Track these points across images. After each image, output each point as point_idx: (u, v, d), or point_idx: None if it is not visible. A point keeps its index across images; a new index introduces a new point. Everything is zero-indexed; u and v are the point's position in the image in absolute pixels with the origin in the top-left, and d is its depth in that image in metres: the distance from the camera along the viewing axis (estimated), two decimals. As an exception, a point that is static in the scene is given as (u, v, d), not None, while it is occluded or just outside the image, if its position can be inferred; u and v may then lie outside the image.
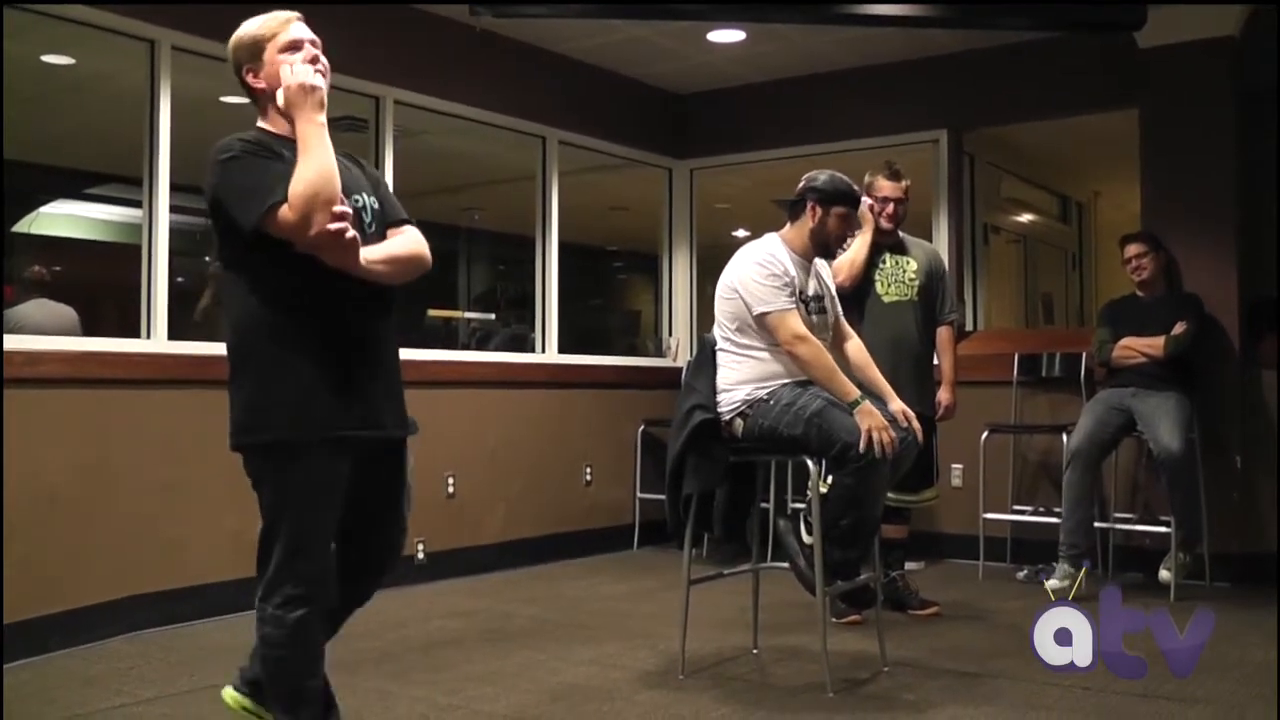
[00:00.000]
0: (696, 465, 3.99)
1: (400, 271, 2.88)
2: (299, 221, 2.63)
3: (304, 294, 2.76)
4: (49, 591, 4.50)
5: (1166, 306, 5.76)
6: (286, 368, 2.77)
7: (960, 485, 6.60)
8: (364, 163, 3.08)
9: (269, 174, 2.69)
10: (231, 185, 2.72)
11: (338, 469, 2.80)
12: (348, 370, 2.81)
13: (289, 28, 2.87)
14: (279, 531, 2.79)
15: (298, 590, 2.77)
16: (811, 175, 4.15)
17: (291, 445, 2.76)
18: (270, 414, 2.79)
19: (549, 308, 7.07)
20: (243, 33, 2.89)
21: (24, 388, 4.40)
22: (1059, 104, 6.82)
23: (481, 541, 6.30)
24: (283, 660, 2.81)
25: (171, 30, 5.14)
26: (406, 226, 2.97)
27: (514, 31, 6.61)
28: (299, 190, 2.64)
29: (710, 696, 3.87)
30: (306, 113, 2.74)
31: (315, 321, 2.78)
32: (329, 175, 2.67)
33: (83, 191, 9.31)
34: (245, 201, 2.69)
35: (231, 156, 2.74)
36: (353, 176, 2.93)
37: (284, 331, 2.78)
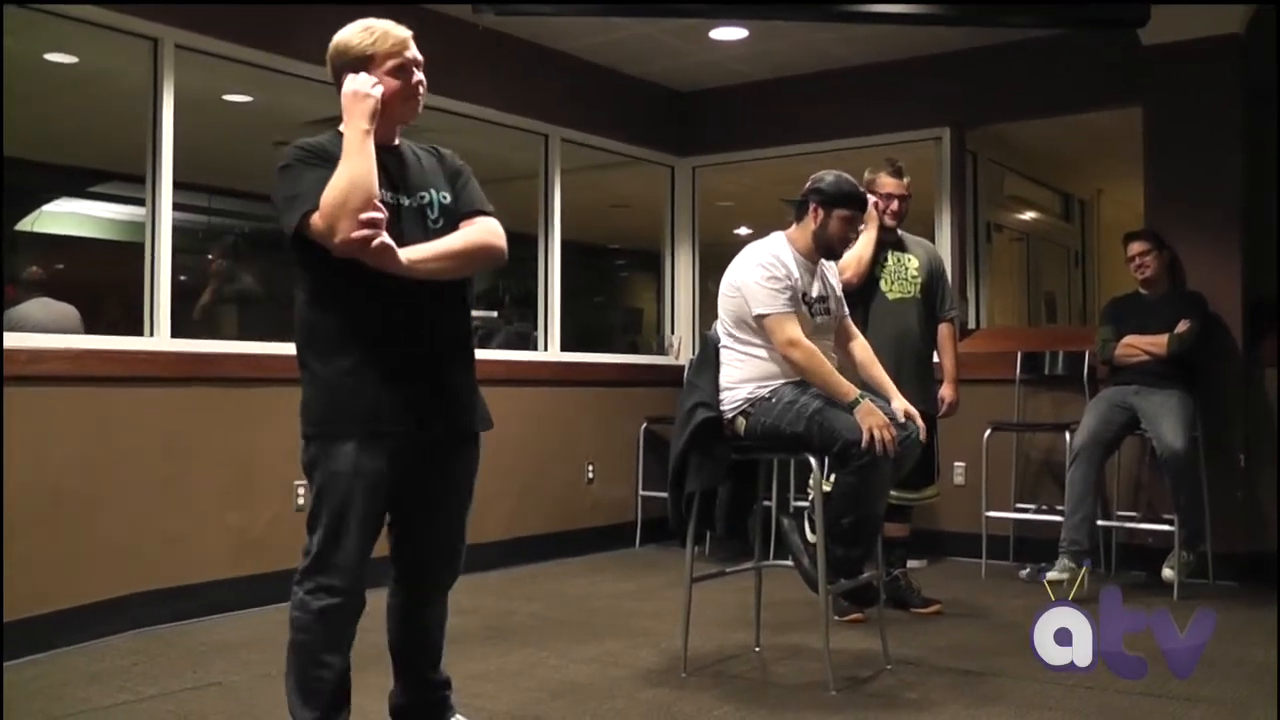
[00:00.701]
0: (699, 463, 3.99)
1: (457, 266, 2.91)
2: (326, 229, 2.70)
3: (347, 294, 2.83)
4: (52, 588, 4.50)
5: (1170, 305, 5.75)
6: (328, 363, 2.85)
7: (963, 483, 6.60)
8: (446, 154, 3.10)
9: (309, 182, 2.75)
10: (278, 194, 2.81)
11: (375, 466, 2.84)
12: (387, 367, 2.86)
13: (404, 50, 2.93)
14: (317, 521, 2.87)
15: (327, 580, 2.84)
16: (817, 176, 4.14)
17: (326, 438, 2.85)
18: (311, 408, 2.89)
19: (551, 305, 7.07)
20: (354, 40, 2.93)
21: (27, 385, 4.41)
22: (1062, 102, 6.81)
23: (483, 539, 6.30)
24: (302, 645, 2.87)
25: (174, 28, 5.13)
26: (479, 218, 2.98)
27: (516, 29, 6.60)
28: (327, 198, 2.70)
29: (712, 695, 3.88)
30: (354, 120, 2.80)
31: (356, 320, 2.85)
32: (359, 183, 2.71)
33: (85, 190, 9.32)
34: (286, 209, 2.78)
35: (284, 165, 2.83)
36: (424, 171, 2.98)
37: (330, 331, 2.86)
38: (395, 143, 2.97)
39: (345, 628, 2.88)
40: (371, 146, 2.78)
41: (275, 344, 5.60)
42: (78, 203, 9.43)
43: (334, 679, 2.86)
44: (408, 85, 2.92)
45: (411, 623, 3.11)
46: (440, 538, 3.08)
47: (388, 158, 2.89)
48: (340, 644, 2.88)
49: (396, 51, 2.91)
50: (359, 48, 2.91)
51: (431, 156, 3.06)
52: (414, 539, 3.05)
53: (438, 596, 3.14)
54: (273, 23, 5.44)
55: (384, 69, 2.89)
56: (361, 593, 2.88)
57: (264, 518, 5.31)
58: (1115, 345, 5.74)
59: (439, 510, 3.06)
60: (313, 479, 2.88)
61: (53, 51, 6.24)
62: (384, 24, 2.95)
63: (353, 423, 2.83)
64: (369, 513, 2.86)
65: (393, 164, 2.90)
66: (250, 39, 5.44)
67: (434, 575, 3.10)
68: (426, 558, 3.07)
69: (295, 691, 2.87)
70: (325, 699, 2.85)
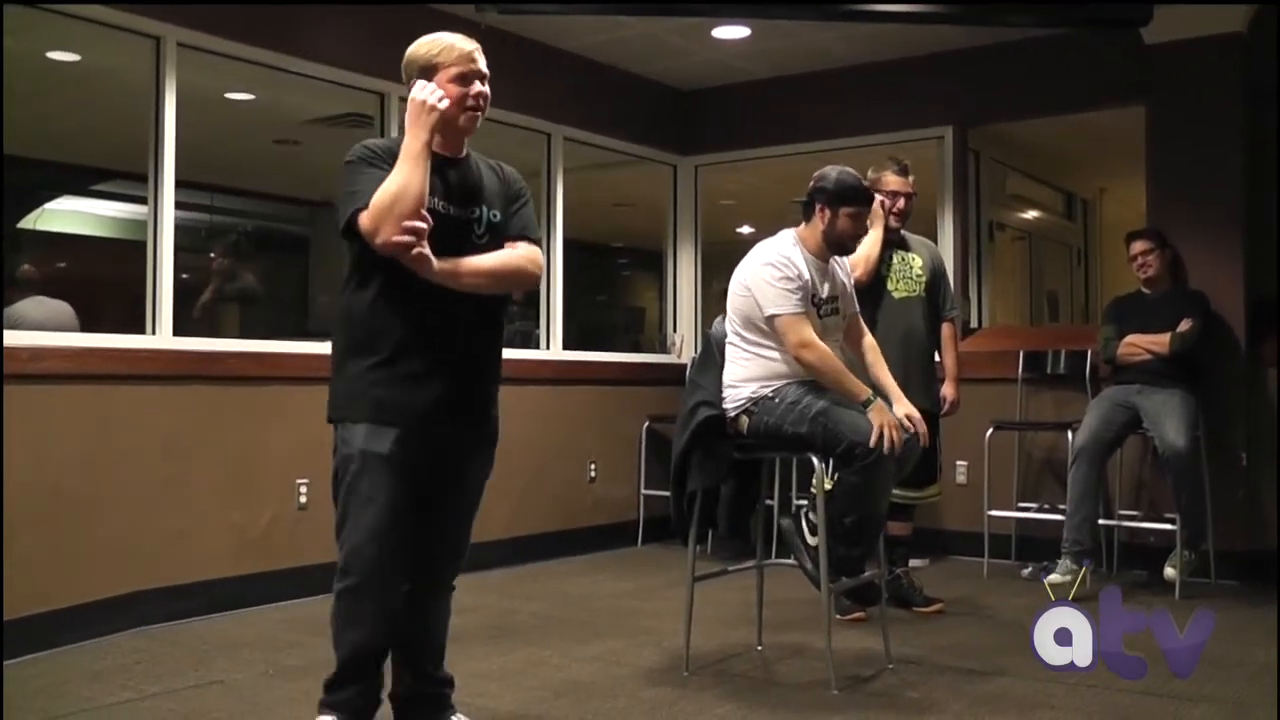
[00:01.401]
0: (701, 462, 4.00)
1: (490, 283, 3.03)
2: (371, 228, 2.84)
3: (383, 291, 2.96)
4: (54, 587, 4.50)
5: (1172, 303, 5.75)
6: (356, 354, 3.00)
7: (965, 482, 6.60)
8: (510, 176, 3.21)
9: (368, 181, 2.88)
10: (340, 188, 2.94)
11: (384, 452, 2.94)
12: (411, 366, 2.97)
13: (467, 62, 3.04)
14: (337, 506, 3.02)
15: (344, 562, 2.98)
16: (820, 175, 4.12)
17: (342, 423, 3.01)
18: (335, 394, 3.05)
19: (554, 304, 7.07)
20: (421, 50, 3.06)
21: (28, 384, 4.41)
22: (1065, 100, 6.80)
23: (485, 538, 6.25)
24: (334, 623, 3.01)
25: (177, 27, 5.13)
26: (523, 243, 3.10)
27: (519, 28, 6.60)
28: (376, 200, 2.84)
29: (714, 693, 3.88)
30: (415, 129, 2.91)
31: (388, 318, 2.97)
32: (407, 190, 2.83)
33: (88, 188, 9.31)
34: (342, 204, 2.91)
35: (349, 161, 2.97)
36: (483, 188, 3.09)
37: (362, 325, 2.99)
38: (463, 154, 3.09)
39: (361, 609, 2.97)
40: (428, 157, 2.89)
41: (277, 342, 5.62)
42: (80, 201, 9.43)
43: (354, 658, 2.98)
44: (467, 94, 3.02)
45: (415, 618, 3.16)
46: (445, 536, 3.17)
47: (450, 168, 3.02)
48: (357, 624, 2.98)
49: (460, 61, 3.02)
50: (424, 57, 3.04)
51: (494, 174, 3.17)
52: (420, 537, 3.11)
53: (441, 593, 3.22)
54: (275, 21, 5.45)
55: (446, 75, 3.00)
56: (374, 576, 2.95)
57: (265, 516, 5.32)
58: (1117, 344, 5.74)
59: (446, 510, 3.14)
60: (333, 464, 3.03)
61: (55, 50, 6.24)
62: (452, 37, 3.07)
63: (365, 408, 2.96)
64: (377, 502, 2.94)
65: (454, 175, 3.02)
66: (253, 38, 5.44)
67: (437, 572, 3.18)
68: (431, 555, 3.14)
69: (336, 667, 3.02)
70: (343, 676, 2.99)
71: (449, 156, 3.04)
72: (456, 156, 3.07)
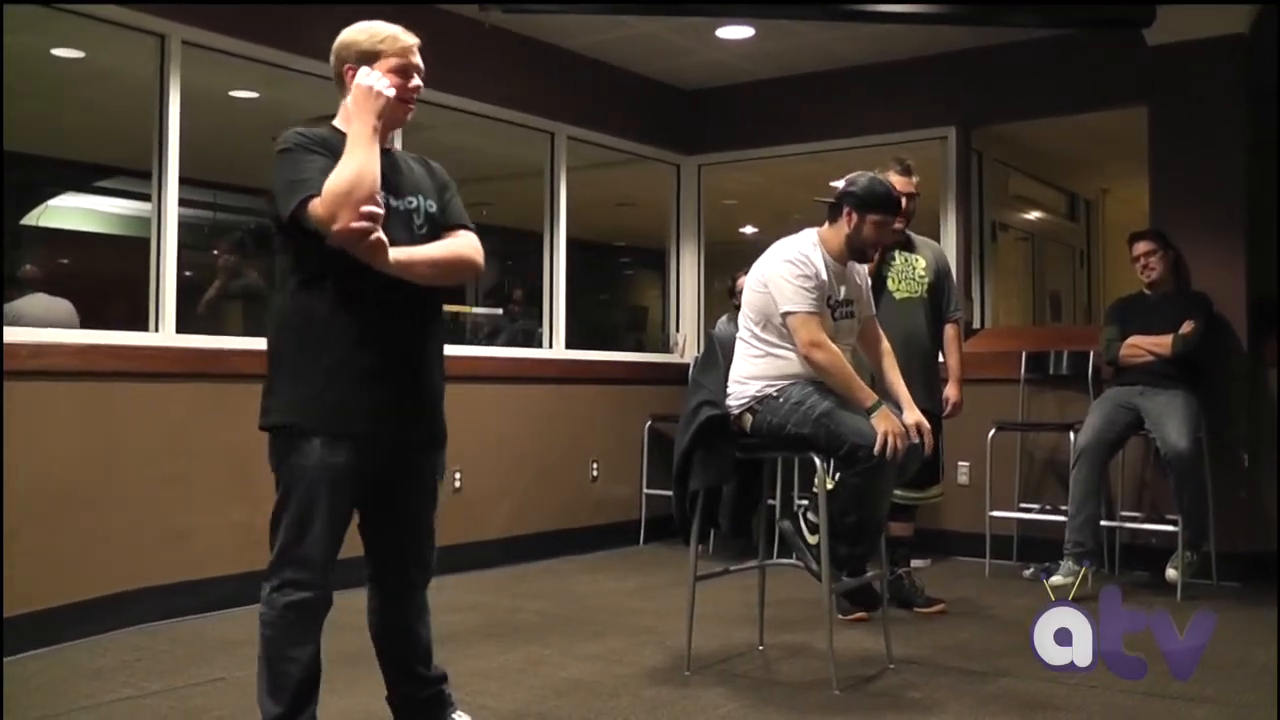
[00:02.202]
0: (704, 461, 3.99)
1: (438, 273, 2.94)
2: (326, 216, 2.71)
3: (333, 288, 2.83)
4: (56, 583, 4.51)
5: (1174, 305, 5.75)
6: (305, 356, 2.85)
7: (967, 483, 6.60)
8: (435, 167, 3.15)
9: (313, 168, 2.77)
10: (279, 176, 2.81)
11: (342, 462, 2.84)
12: (365, 366, 2.86)
13: (408, 55, 2.98)
14: (283, 517, 2.87)
15: (292, 576, 2.85)
16: (851, 179, 4.11)
17: (295, 432, 2.84)
18: (282, 399, 2.88)
19: (557, 303, 7.07)
20: (363, 37, 2.97)
21: (31, 380, 4.42)
22: (1068, 101, 6.80)
23: (488, 537, 6.31)
24: (270, 640, 2.87)
25: (181, 25, 5.14)
26: (461, 231, 3.03)
27: (523, 27, 6.61)
28: (331, 186, 2.71)
29: (716, 693, 3.88)
30: (364, 116, 2.82)
31: (340, 316, 2.84)
32: (365, 175, 2.73)
33: (91, 185, 9.33)
34: (285, 192, 2.78)
35: (285, 149, 2.84)
36: (414, 178, 3.02)
37: (309, 321, 2.86)
38: (388, 146, 3.00)
39: (312, 623, 2.88)
40: (378, 142, 2.82)
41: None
42: (84, 198, 9.45)
43: (301, 673, 2.86)
44: (405, 89, 2.95)
45: (394, 622, 3.10)
46: (408, 538, 3.07)
47: (382, 159, 2.89)
48: (307, 639, 2.88)
49: (402, 54, 2.96)
50: (366, 44, 2.95)
51: (421, 166, 3.10)
52: (383, 539, 3.05)
53: (414, 595, 3.12)
54: (280, 20, 5.45)
55: (387, 66, 2.93)
56: (329, 589, 2.89)
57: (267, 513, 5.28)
58: (1120, 345, 5.74)
59: (404, 511, 3.05)
60: (279, 474, 2.89)
61: (60, 47, 6.25)
62: (394, 28, 3.00)
63: (322, 419, 2.83)
64: (335, 509, 2.86)
65: (386, 166, 2.90)
66: (257, 36, 5.44)
67: (406, 575, 3.09)
68: (397, 558, 3.07)
69: (264, 687, 2.88)
70: (291, 693, 2.85)
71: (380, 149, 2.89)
72: (384, 148, 2.93)
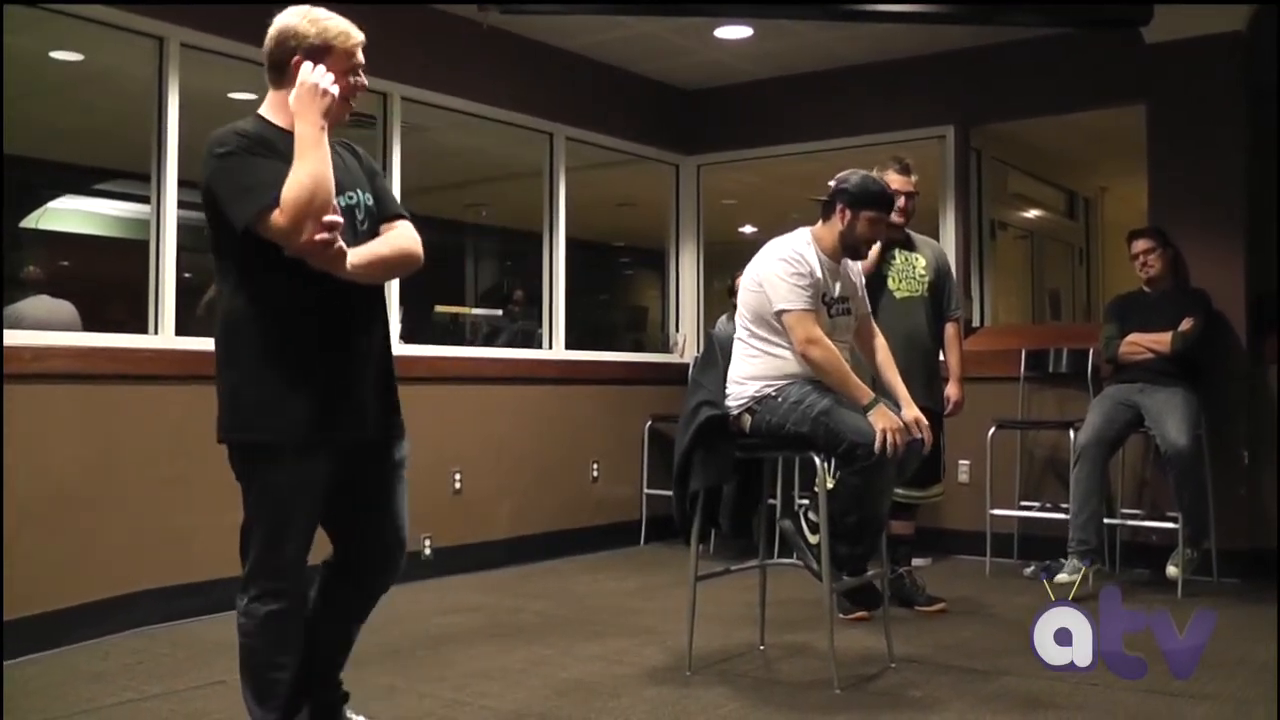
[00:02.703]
0: (704, 461, 3.99)
1: (385, 272, 2.89)
2: (289, 228, 2.62)
3: (290, 293, 2.76)
4: (56, 587, 4.51)
5: (1174, 302, 5.75)
6: (268, 367, 2.77)
7: (967, 481, 6.60)
8: (361, 152, 3.05)
9: (264, 173, 2.67)
10: (226, 182, 2.70)
11: (315, 470, 2.81)
12: (331, 371, 2.81)
13: (357, 52, 2.87)
14: (256, 528, 2.84)
15: (270, 585, 2.84)
16: (843, 176, 4.11)
17: (268, 446, 2.79)
18: (249, 413, 2.80)
19: (556, 304, 7.07)
20: (312, 30, 2.81)
21: (31, 383, 4.42)
22: (1066, 100, 6.80)
23: (488, 537, 6.31)
24: (253, 651, 2.87)
25: (180, 27, 5.14)
26: (400, 221, 2.95)
27: (521, 27, 6.61)
28: (291, 196, 2.62)
29: (717, 693, 3.88)
30: (310, 115, 2.72)
31: (300, 321, 2.78)
32: (322, 183, 2.65)
33: (90, 187, 9.33)
34: (238, 200, 2.67)
35: (228, 152, 2.71)
36: (348, 170, 2.91)
37: (268, 330, 2.77)
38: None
39: (293, 629, 2.87)
40: (327, 144, 2.72)
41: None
42: (82, 200, 9.45)
43: (289, 679, 2.87)
44: (350, 87, 2.85)
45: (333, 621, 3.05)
46: (377, 539, 3.01)
47: None
48: (290, 645, 2.87)
49: (352, 52, 2.85)
50: (314, 37, 2.80)
51: (350, 154, 3.00)
52: (350, 538, 3.00)
53: (367, 601, 3.07)
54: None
55: (336, 64, 2.81)
56: (305, 593, 2.88)
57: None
58: (1119, 343, 5.74)
59: (374, 510, 2.99)
60: (249, 486, 2.84)
61: (58, 49, 6.25)
62: (340, 20, 2.87)
63: (289, 431, 2.76)
64: (308, 517, 2.84)
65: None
66: (256, 38, 5.39)
67: (366, 579, 3.04)
68: (362, 559, 3.02)
69: (252, 696, 2.87)
70: (282, 700, 2.85)
71: None
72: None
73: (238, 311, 2.80)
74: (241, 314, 2.80)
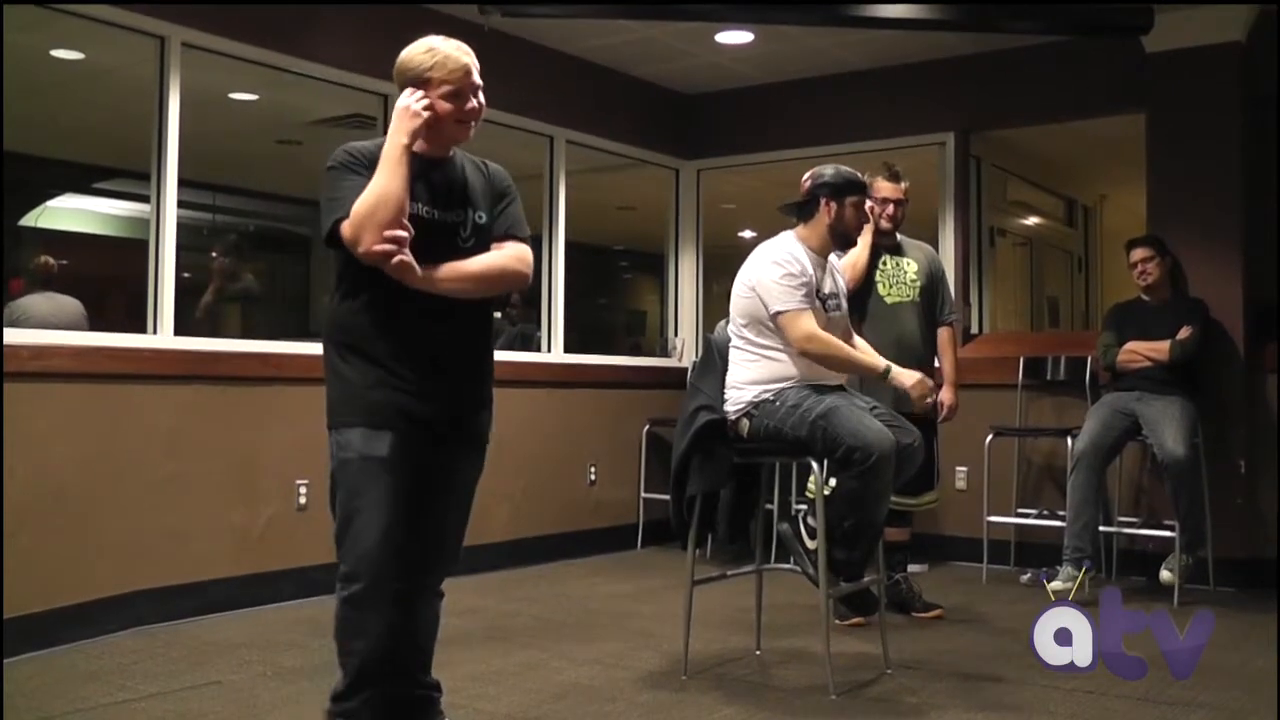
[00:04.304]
0: (701, 466, 4.00)
1: (476, 288, 2.98)
2: (352, 238, 2.80)
3: (370, 297, 2.92)
4: (53, 585, 4.51)
5: (1172, 311, 5.75)
6: (346, 361, 2.96)
7: (964, 488, 6.60)
8: (496, 175, 3.16)
9: (348, 188, 2.85)
10: (323, 194, 2.91)
11: (382, 455, 2.90)
12: (403, 372, 2.93)
13: (463, 77, 2.99)
14: (335, 511, 2.97)
15: (347, 568, 2.94)
16: (816, 172, 4.17)
17: (338, 428, 2.96)
18: (330, 402, 3.00)
19: (555, 307, 7.07)
20: (415, 62, 2.98)
21: (31, 381, 4.42)
22: (1066, 107, 6.81)
23: (485, 540, 6.30)
24: (339, 632, 2.96)
25: (181, 26, 5.14)
26: (509, 243, 3.06)
27: (522, 31, 6.61)
28: (357, 209, 2.80)
29: (713, 697, 3.88)
30: (396, 134, 2.87)
31: (380, 327, 2.93)
32: (387, 198, 2.79)
33: (90, 186, 9.33)
34: (325, 211, 2.88)
35: (331, 166, 2.94)
36: (467, 189, 3.05)
37: (350, 328, 2.96)
38: (448, 154, 3.05)
39: (367, 617, 2.92)
40: (407, 162, 2.84)
41: (278, 343, 5.62)
42: (82, 199, 9.45)
43: (358, 663, 2.92)
44: (460, 110, 2.98)
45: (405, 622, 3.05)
46: (438, 541, 3.10)
47: (434, 171, 2.98)
48: (365, 629, 2.92)
49: (455, 78, 2.97)
50: (417, 68, 2.97)
51: (480, 174, 3.12)
52: (413, 539, 3.04)
53: (431, 598, 3.15)
54: (280, 22, 5.46)
55: (439, 92, 2.95)
56: (383, 581, 2.91)
57: (265, 516, 5.32)
58: (1117, 351, 5.74)
59: (437, 514, 3.08)
60: (332, 472, 2.99)
61: (59, 48, 6.25)
62: (448, 48, 3.01)
63: (360, 412, 2.93)
64: (378, 498, 2.91)
65: (438, 178, 2.98)
66: (257, 38, 5.44)
67: (425, 576, 3.11)
68: (424, 559, 3.07)
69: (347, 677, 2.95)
70: (353, 675, 2.93)
71: (434, 158, 2.99)
72: (441, 158, 3.02)
73: (336, 315, 3.00)
74: (338, 317, 3.00)
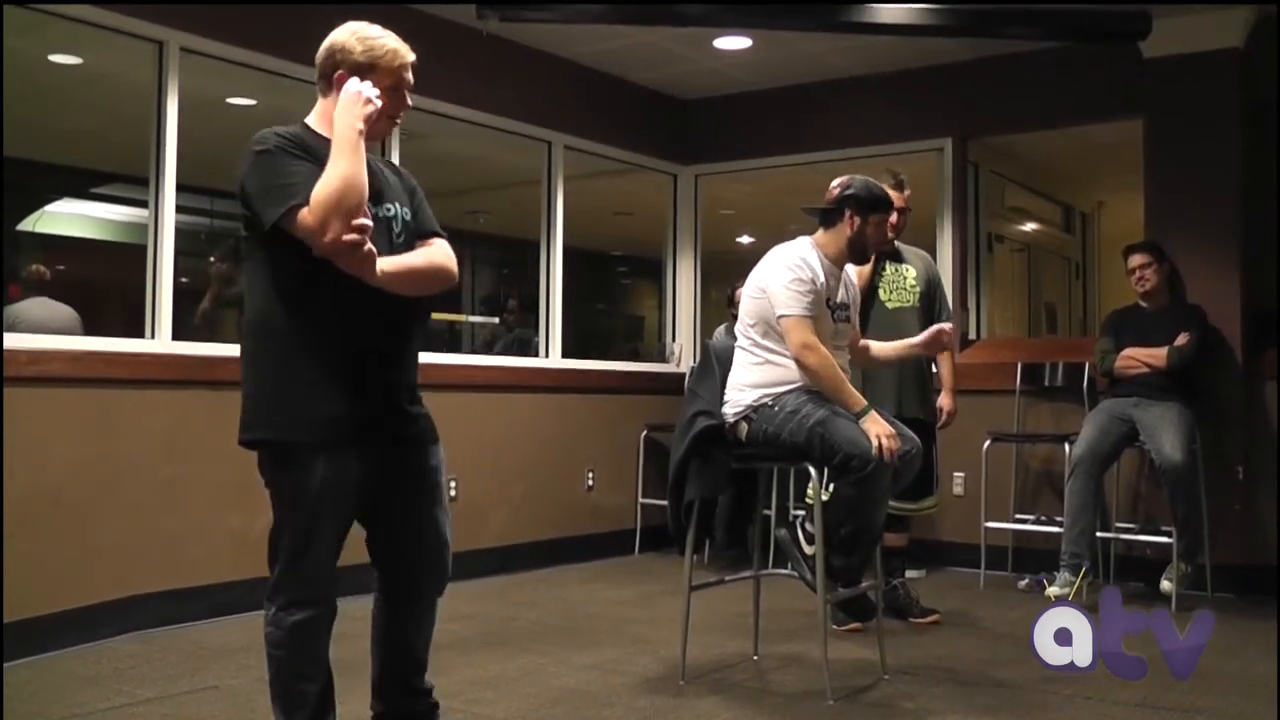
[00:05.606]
0: (699, 471, 4.00)
1: (415, 284, 2.86)
2: (316, 226, 2.62)
3: (316, 295, 2.75)
4: (51, 591, 4.50)
5: (1170, 317, 5.76)
6: (291, 367, 2.77)
7: (962, 494, 6.61)
8: (403, 172, 3.10)
9: (297, 173, 2.69)
10: (259, 179, 2.71)
11: (340, 473, 2.78)
12: (354, 374, 2.79)
13: (404, 73, 2.90)
14: (283, 533, 2.81)
15: (298, 594, 2.79)
16: (845, 183, 4.13)
17: (291, 446, 2.77)
18: (272, 413, 2.79)
19: (553, 312, 7.07)
20: (359, 47, 2.85)
21: (28, 386, 4.41)
22: (1064, 113, 6.82)
23: (483, 545, 6.30)
24: (281, 661, 2.82)
25: (179, 31, 5.15)
26: (436, 240, 2.97)
27: (520, 36, 6.62)
28: (320, 195, 2.63)
29: (710, 703, 3.88)
30: (349, 118, 2.73)
31: (325, 323, 2.77)
32: (354, 184, 2.66)
33: (88, 190, 9.33)
34: (269, 197, 2.68)
35: (265, 150, 2.73)
36: (389, 185, 2.95)
37: (293, 330, 2.77)
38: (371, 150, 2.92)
39: (321, 639, 2.84)
40: (364, 147, 2.74)
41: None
42: (80, 203, 9.45)
43: (318, 690, 2.84)
44: (396, 106, 2.89)
45: (399, 636, 3.03)
46: (418, 542, 2.99)
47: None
48: (318, 655, 2.84)
49: (399, 72, 2.88)
50: (360, 54, 2.84)
51: (390, 171, 3.04)
52: (392, 546, 2.98)
53: (424, 605, 3.06)
54: (278, 27, 5.45)
55: (381, 83, 2.83)
56: (333, 601, 2.85)
57: (264, 521, 5.23)
58: (1115, 357, 5.75)
59: (411, 514, 2.97)
60: (276, 490, 2.82)
61: (57, 52, 6.26)
62: (389, 39, 2.90)
63: (317, 430, 2.76)
64: (337, 523, 2.81)
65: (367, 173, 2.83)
66: (255, 43, 5.45)
67: (417, 583, 3.02)
68: (407, 564, 3.00)
69: (280, 708, 2.84)
70: (311, 710, 2.82)
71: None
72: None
73: (263, 311, 2.80)
74: (266, 313, 2.79)
